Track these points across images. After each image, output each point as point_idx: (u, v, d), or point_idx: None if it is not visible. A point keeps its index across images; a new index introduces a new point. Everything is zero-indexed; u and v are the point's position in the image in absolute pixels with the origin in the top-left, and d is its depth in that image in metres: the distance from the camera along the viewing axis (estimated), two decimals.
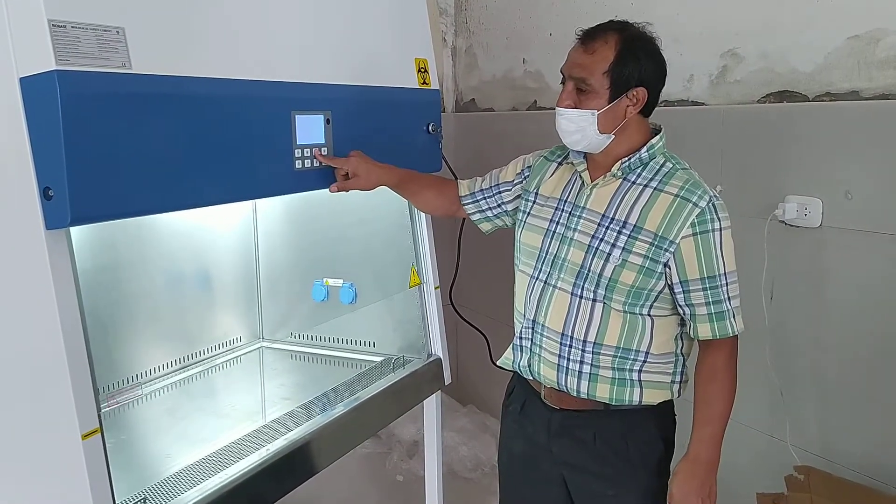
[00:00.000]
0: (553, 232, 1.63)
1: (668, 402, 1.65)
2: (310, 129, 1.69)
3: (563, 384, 1.61)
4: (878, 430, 1.99)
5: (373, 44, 1.93)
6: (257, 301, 2.50)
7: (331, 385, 2.02)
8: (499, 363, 1.77)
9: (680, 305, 1.55)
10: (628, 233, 1.52)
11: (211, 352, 2.35)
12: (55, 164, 1.20)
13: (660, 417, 1.64)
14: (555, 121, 1.57)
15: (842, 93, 2.04)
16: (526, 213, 1.72)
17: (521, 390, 1.75)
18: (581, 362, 1.58)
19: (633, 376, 1.57)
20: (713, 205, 1.50)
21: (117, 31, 1.27)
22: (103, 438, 1.29)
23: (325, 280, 2.35)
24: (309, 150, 1.69)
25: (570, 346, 1.58)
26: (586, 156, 1.63)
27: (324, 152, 1.73)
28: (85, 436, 1.26)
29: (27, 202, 1.23)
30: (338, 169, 1.76)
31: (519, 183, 1.78)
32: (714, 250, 1.50)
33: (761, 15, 2.22)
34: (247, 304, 2.48)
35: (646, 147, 1.56)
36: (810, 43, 2.10)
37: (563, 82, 1.57)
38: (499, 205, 1.82)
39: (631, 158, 1.56)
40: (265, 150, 1.59)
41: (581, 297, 1.57)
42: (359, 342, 2.37)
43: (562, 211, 1.63)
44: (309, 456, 1.73)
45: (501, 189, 1.81)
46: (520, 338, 1.69)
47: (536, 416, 1.70)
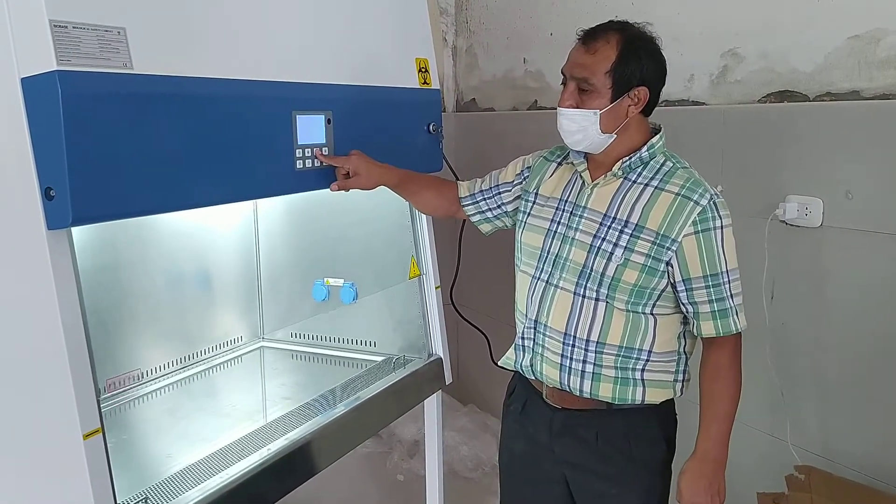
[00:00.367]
0: (554, 232, 1.63)
1: (670, 402, 1.65)
2: (310, 128, 1.70)
3: (566, 384, 1.61)
4: (878, 430, 1.99)
5: (373, 44, 1.93)
6: (258, 301, 2.50)
7: (331, 385, 2.02)
8: (500, 363, 1.77)
9: (683, 304, 1.55)
10: (630, 232, 1.53)
11: (212, 351, 2.35)
12: (56, 165, 1.20)
13: (662, 416, 1.64)
14: (556, 121, 1.57)
15: (842, 93, 2.04)
16: (526, 213, 1.72)
17: (523, 390, 1.75)
18: (584, 362, 1.58)
19: (636, 375, 1.58)
20: (714, 203, 1.50)
21: (118, 32, 1.27)
22: (104, 438, 1.29)
23: (325, 280, 2.35)
24: (310, 150, 1.69)
25: (572, 346, 1.59)
26: (586, 155, 1.63)
27: (325, 152, 1.73)
28: (86, 435, 1.26)
29: (29, 202, 1.23)
30: (338, 168, 1.76)
31: (519, 184, 1.78)
32: (716, 248, 1.50)
33: (762, 15, 2.22)
34: (247, 304, 2.48)
35: (646, 146, 1.56)
36: (811, 43, 2.10)
37: (563, 83, 1.57)
38: (499, 206, 1.82)
39: (632, 158, 1.56)
40: (266, 150, 1.59)
41: (584, 296, 1.57)
42: (359, 342, 2.37)
43: (563, 211, 1.64)
44: (310, 455, 1.73)
45: (501, 190, 1.81)
46: (522, 338, 1.69)
47: (538, 415, 1.70)
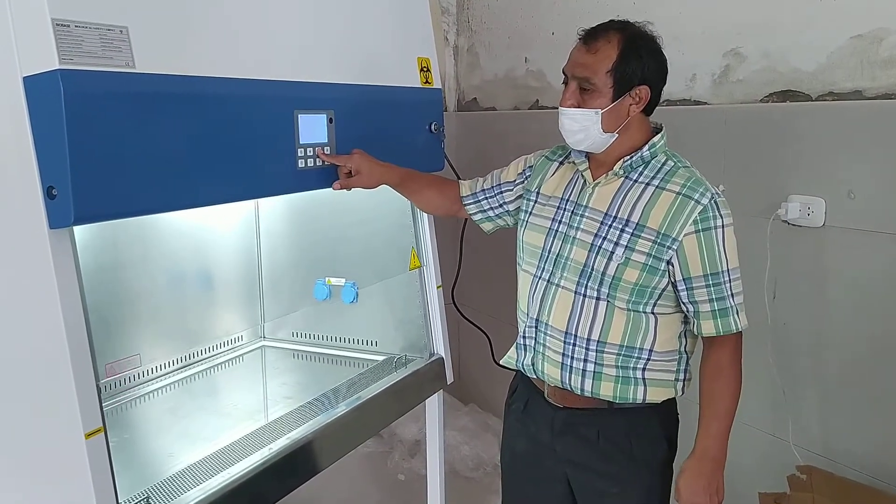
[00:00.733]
0: (556, 231, 1.63)
1: (672, 401, 1.65)
2: (312, 128, 1.69)
3: (568, 383, 1.61)
4: (880, 430, 1.99)
5: (375, 43, 1.93)
6: (259, 300, 2.50)
7: (333, 384, 2.02)
8: (502, 362, 1.77)
9: (683, 303, 1.55)
10: (631, 231, 1.53)
11: (213, 350, 2.36)
12: (58, 164, 1.20)
13: (663, 415, 1.64)
14: (558, 120, 1.57)
15: (845, 92, 2.04)
16: (528, 212, 1.72)
17: (524, 389, 1.75)
18: (585, 360, 1.58)
19: (637, 374, 1.58)
20: (715, 202, 1.50)
21: (121, 31, 1.27)
22: (106, 437, 1.29)
23: (326, 279, 2.35)
24: (311, 149, 1.69)
25: (574, 345, 1.59)
26: (588, 155, 1.63)
27: (326, 151, 1.73)
28: (88, 435, 1.26)
29: (31, 201, 1.23)
30: (340, 167, 1.76)
31: (520, 183, 1.78)
32: (717, 247, 1.50)
33: (763, 14, 2.22)
34: (249, 303, 2.48)
35: (647, 145, 1.56)
36: (813, 42, 2.10)
37: (565, 82, 1.57)
38: (500, 205, 1.82)
39: (633, 157, 1.56)
40: (268, 150, 1.59)
41: (585, 295, 1.57)
42: (361, 341, 2.37)
43: (564, 210, 1.64)
44: (311, 455, 1.73)
45: (503, 189, 1.81)
46: (523, 337, 1.69)
47: (540, 414, 1.70)
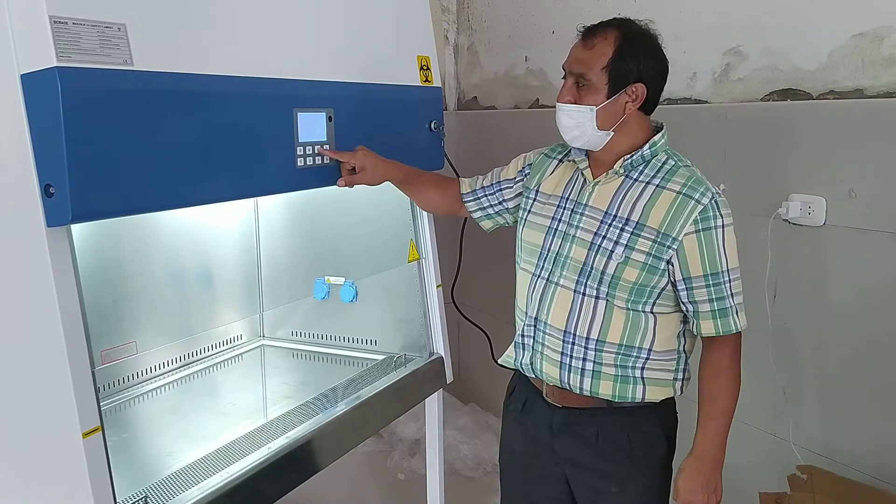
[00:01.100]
0: (555, 229, 1.63)
1: (671, 400, 1.65)
2: (312, 126, 1.69)
3: (566, 382, 1.60)
4: (881, 430, 1.98)
5: (375, 41, 1.92)
6: (259, 299, 2.49)
7: (332, 383, 2.02)
8: (500, 362, 1.77)
9: (683, 302, 1.54)
10: (631, 230, 1.52)
11: (212, 349, 2.35)
12: (56, 162, 1.19)
13: (662, 415, 1.64)
14: (555, 117, 1.58)
15: (846, 91, 2.03)
16: (527, 210, 1.72)
17: (523, 388, 1.75)
18: (584, 359, 1.57)
19: (636, 373, 1.57)
20: (716, 202, 1.50)
21: (119, 28, 1.27)
22: (104, 436, 1.29)
23: (326, 278, 2.35)
24: (311, 147, 1.69)
25: (572, 344, 1.58)
26: (588, 153, 1.63)
27: (326, 150, 1.73)
28: (86, 434, 1.25)
29: (28, 199, 1.22)
30: (343, 164, 1.75)
31: (520, 181, 1.78)
32: (717, 247, 1.50)
33: (764, 13, 2.21)
34: (248, 302, 2.47)
35: (648, 144, 1.56)
36: (814, 41, 2.09)
37: (564, 78, 1.58)
38: (500, 202, 1.82)
39: (633, 156, 1.55)
40: (267, 148, 1.59)
41: (584, 294, 1.56)
42: (360, 340, 2.37)
43: (564, 208, 1.63)
44: (310, 454, 1.73)
45: (503, 186, 1.81)
46: (521, 336, 1.69)
47: (538, 414, 1.69)
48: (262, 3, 1.60)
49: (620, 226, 1.53)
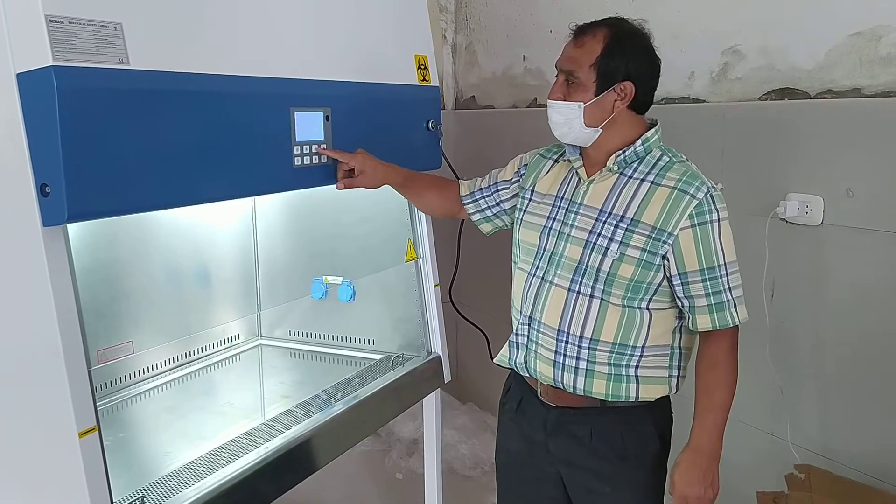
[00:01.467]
0: (550, 228, 1.63)
1: (665, 399, 1.64)
2: (309, 125, 1.69)
3: (560, 381, 1.60)
4: (879, 429, 1.98)
5: (373, 40, 1.92)
6: (256, 298, 2.49)
7: (330, 383, 2.02)
8: (496, 361, 1.77)
9: (679, 298, 1.54)
10: (625, 226, 1.52)
11: (209, 349, 2.35)
12: (52, 161, 1.19)
13: (656, 414, 1.64)
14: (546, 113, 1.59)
15: (843, 90, 2.03)
16: (523, 210, 1.72)
17: (518, 388, 1.75)
18: (577, 358, 1.57)
19: (630, 371, 1.57)
20: (711, 196, 1.50)
21: (115, 27, 1.26)
22: (100, 436, 1.28)
23: (324, 277, 2.35)
24: (308, 147, 1.68)
25: (566, 343, 1.58)
26: (582, 152, 1.63)
27: (325, 148, 1.73)
28: (82, 434, 1.25)
29: (24, 199, 1.22)
30: (340, 164, 1.75)
31: (516, 181, 1.79)
32: (713, 241, 1.50)
33: (762, 12, 2.21)
34: (246, 302, 2.47)
35: (640, 140, 1.56)
36: (811, 40, 2.09)
37: (556, 76, 1.59)
38: (497, 203, 1.82)
39: (626, 152, 1.56)
40: (264, 147, 1.59)
41: (578, 292, 1.56)
42: (358, 340, 2.37)
43: (559, 208, 1.63)
44: (308, 454, 1.73)
45: (500, 188, 1.81)
46: (516, 334, 1.69)
47: (533, 413, 1.69)
48: (259, 3, 1.59)
49: (615, 223, 1.53)
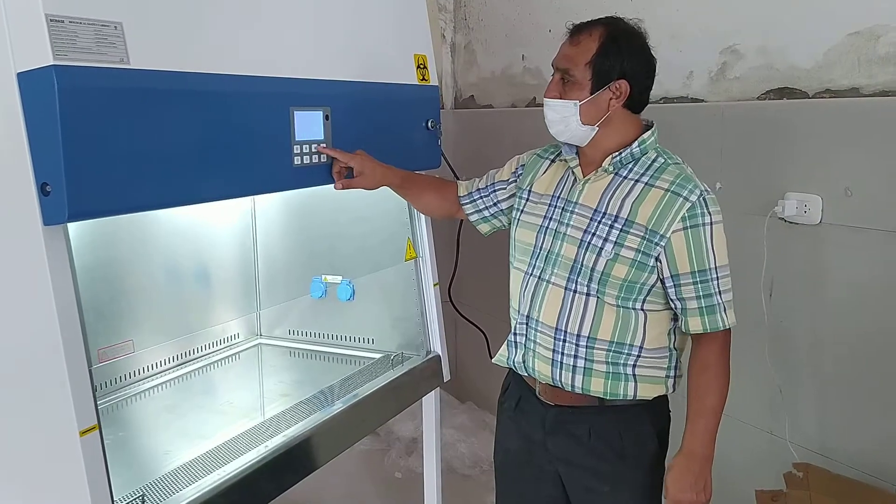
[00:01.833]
0: (546, 228, 1.64)
1: (663, 398, 1.65)
2: (309, 125, 1.69)
3: (558, 379, 1.60)
4: (877, 428, 1.99)
5: (372, 40, 1.92)
6: (256, 297, 2.49)
7: (329, 382, 2.02)
8: (494, 360, 1.77)
9: (671, 299, 1.55)
10: (620, 227, 1.53)
11: (209, 348, 2.35)
12: (52, 160, 1.19)
13: (654, 413, 1.64)
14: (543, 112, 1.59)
15: (842, 89, 2.04)
16: (520, 210, 1.72)
17: (516, 387, 1.75)
18: (575, 357, 1.58)
19: (627, 370, 1.57)
20: (704, 199, 1.50)
21: (115, 26, 1.26)
22: (101, 435, 1.29)
23: (323, 277, 2.35)
24: (308, 146, 1.69)
25: (563, 341, 1.58)
26: (578, 152, 1.63)
27: (325, 147, 1.73)
28: (83, 432, 1.25)
29: (25, 198, 1.22)
30: (336, 161, 1.75)
31: (513, 182, 1.79)
32: (705, 244, 1.50)
33: (761, 11, 2.21)
34: (245, 301, 2.47)
35: (637, 142, 1.56)
36: (810, 39, 2.10)
37: (553, 74, 1.59)
38: (494, 203, 1.82)
39: (622, 153, 1.56)
40: (263, 147, 1.59)
41: (575, 291, 1.57)
42: (357, 339, 2.37)
43: (555, 207, 1.64)
44: (307, 453, 1.73)
45: (497, 188, 1.82)
46: (514, 334, 1.69)
47: (531, 412, 1.70)
48: (258, 2, 1.60)
49: (610, 223, 1.54)
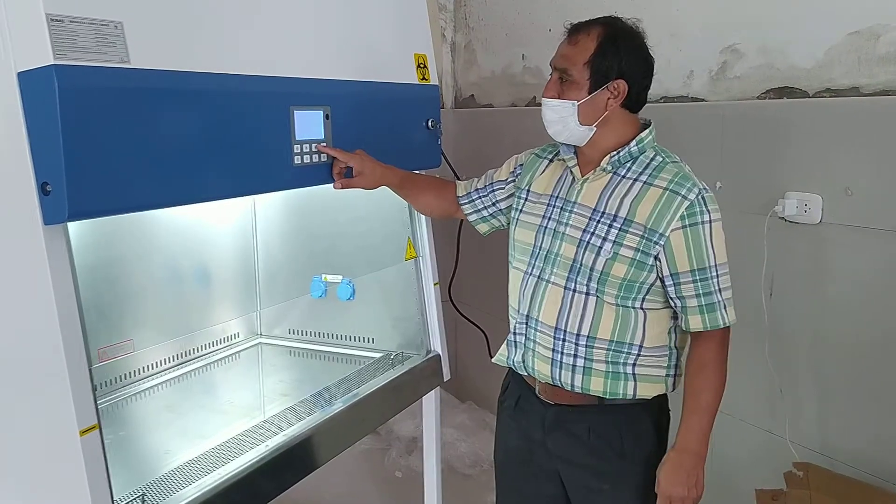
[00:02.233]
0: (545, 227, 1.63)
1: (663, 397, 1.65)
2: (309, 124, 1.69)
3: (557, 378, 1.60)
4: (877, 427, 1.99)
5: (372, 39, 1.92)
6: (256, 297, 2.49)
7: (329, 381, 2.02)
8: (494, 360, 1.77)
9: (671, 298, 1.55)
10: (619, 226, 1.53)
11: (209, 348, 2.35)
12: (53, 160, 1.19)
13: (654, 412, 1.64)
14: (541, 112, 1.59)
15: (842, 89, 2.04)
16: (519, 210, 1.72)
17: (516, 386, 1.75)
18: (575, 356, 1.58)
19: (627, 370, 1.58)
20: (702, 197, 1.50)
21: (115, 26, 1.26)
22: (101, 434, 1.29)
23: (323, 276, 2.35)
24: (308, 145, 1.69)
25: (563, 340, 1.58)
26: (576, 151, 1.63)
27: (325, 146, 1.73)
28: (83, 432, 1.25)
29: (25, 197, 1.22)
30: (336, 161, 1.75)
31: (512, 181, 1.79)
32: (704, 242, 1.50)
33: (761, 11, 2.21)
34: (245, 300, 2.47)
35: (635, 141, 1.56)
36: (810, 39, 2.10)
37: (551, 74, 1.59)
38: (493, 203, 1.82)
39: (620, 152, 1.56)
40: (264, 146, 1.59)
41: (574, 290, 1.57)
42: (357, 338, 2.37)
43: (553, 207, 1.64)
44: (308, 452, 1.73)
45: (495, 188, 1.81)
46: (514, 333, 1.69)
47: (531, 411, 1.70)
48: (258, 1, 1.60)
49: (609, 222, 1.54)
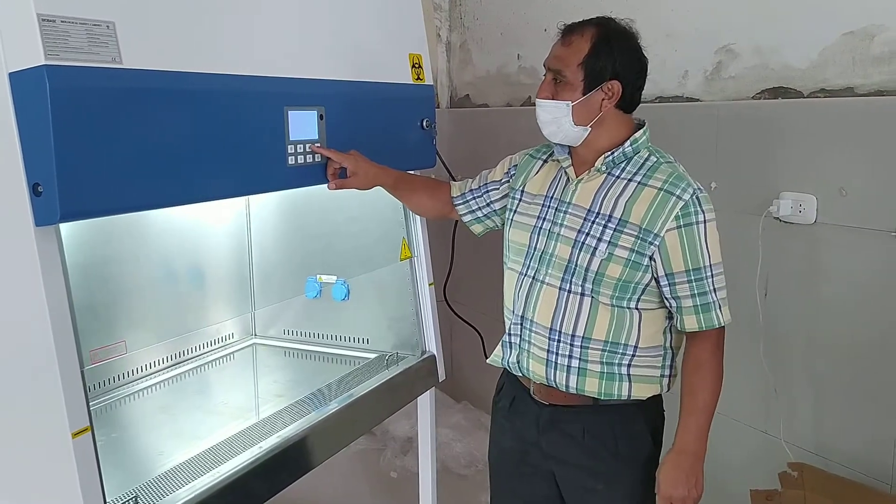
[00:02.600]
0: (540, 228, 1.63)
1: (657, 397, 1.65)
2: (303, 124, 1.68)
3: (552, 379, 1.60)
4: (872, 427, 1.99)
5: (367, 39, 1.92)
6: (250, 297, 2.49)
7: (324, 382, 2.02)
8: (489, 361, 1.77)
9: (666, 298, 1.55)
10: (613, 226, 1.53)
11: (203, 348, 2.34)
12: (44, 160, 1.18)
13: (648, 412, 1.64)
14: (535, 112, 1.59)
15: (836, 89, 2.04)
16: (513, 210, 1.72)
17: (511, 387, 1.75)
18: (570, 357, 1.58)
19: (622, 370, 1.57)
20: (697, 197, 1.50)
21: (107, 26, 1.26)
22: (93, 436, 1.28)
23: (318, 276, 2.34)
24: (302, 146, 1.68)
25: (558, 341, 1.58)
26: (571, 152, 1.63)
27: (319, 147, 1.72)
28: (75, 434, 1.25)
29: (16, 198, 1.21)
30: (330, 162, 1.75)
31: (506, 182, 1.79)
32: (699, 243, 1.50)
33: (756, 11, 2.22)
34: (240, 301, 2.47)
35: (629, 141, 1.56)
36: (805, 39, 2.10)
37: (545, 75, 1.59)
38: (487, 204, 1.82)
39: (614, 153, 1.56)
40: (258, 146, 1.58)
41: (569, 291, 1.57)
42: (352, 339, 2.37)
43: (548, 207, 1.64)
44: (302, 453, 1.73)
45: (490, 188, 1.81)
46: (509, 334, 1.69)
47: (526, 411, 1.70)
48: (252, 1, 1.59)
49: (603, 223, 1.54)
